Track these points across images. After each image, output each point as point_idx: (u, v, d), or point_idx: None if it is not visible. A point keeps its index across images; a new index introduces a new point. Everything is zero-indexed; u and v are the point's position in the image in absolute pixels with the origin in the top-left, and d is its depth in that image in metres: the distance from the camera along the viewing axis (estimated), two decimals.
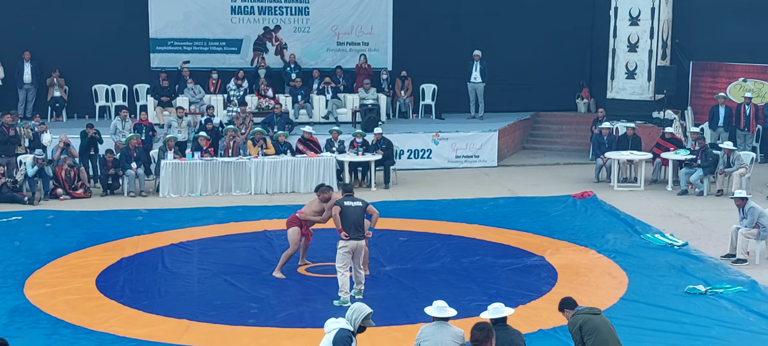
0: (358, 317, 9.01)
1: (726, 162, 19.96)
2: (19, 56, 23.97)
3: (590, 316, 9.36)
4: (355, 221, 13.02)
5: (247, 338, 11.78)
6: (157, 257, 15.36)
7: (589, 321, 9.29)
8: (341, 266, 13.01)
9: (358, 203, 13.14)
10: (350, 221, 12.99)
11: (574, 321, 9.36)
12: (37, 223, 17.65)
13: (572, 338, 9.40)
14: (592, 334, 9.21)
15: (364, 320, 9.06)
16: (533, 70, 26.76)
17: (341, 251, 13.02)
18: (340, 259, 13.03)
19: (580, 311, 9.48)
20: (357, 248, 13.04)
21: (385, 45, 26.28)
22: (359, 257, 13.16)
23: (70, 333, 11.90)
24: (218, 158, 20.59)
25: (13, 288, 13.68)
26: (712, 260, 15.11)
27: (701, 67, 24.90)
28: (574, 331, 9.33)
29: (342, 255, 13.01)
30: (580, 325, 9.28)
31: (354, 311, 9.07)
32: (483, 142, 23.74)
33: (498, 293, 13.01)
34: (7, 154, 20.30)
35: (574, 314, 9.47)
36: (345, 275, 13.01)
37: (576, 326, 9.31)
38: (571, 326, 9.38)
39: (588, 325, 9.26)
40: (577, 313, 9.45)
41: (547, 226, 17.47)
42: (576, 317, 9.39)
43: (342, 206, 13.04)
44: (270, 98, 23.85)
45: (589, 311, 9.48)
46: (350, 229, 12.97)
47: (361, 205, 13.15)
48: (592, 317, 9.35)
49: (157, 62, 25.13)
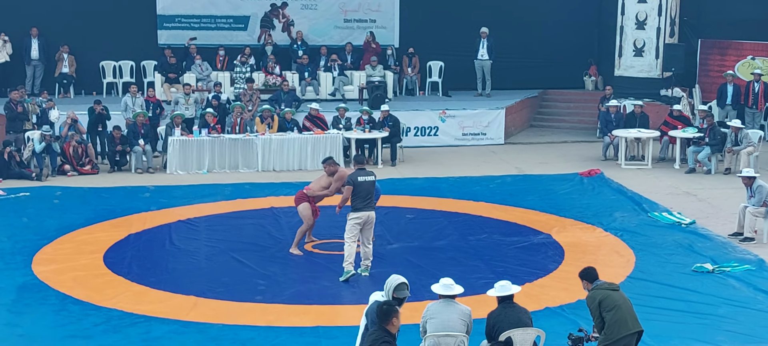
0: (390, 289, 9.10)
1: (734, 140, 19.90)
2: (27, 33, 23.96)
3: (610, 292, 9.34)
4: (368, 192, 13.02)
5: (254, 314, 11.81)
6: (164, 234, 15.39)
7: (609, 297, 9.28)
8: (350, 237, 13.02)
9: (370, 177, 13.13)
10: (362, 193, 12.98)
11: (594, 296, 9.34)
12: (44, 199, 17.68)
13: (590, 311, 9.38)
14: (611, 310, 9.19)
15: (396, 290, 9.08)
16: (541, 47, 26.69)
17: (351, 222, 13.01)
18: (349, 230, 13.03)
19: (600, 285, 9.44)
20: (368, 219, 13.02)
21: (392, 22, 26.22)
22: (369, 231, 13.13)
23: (78, 309, 11.94)
24: (225, 135, 20.59)
25: (21, 264, 13.72)
26: (720, 238, 15.09)
27: (710, 44, 24.79)
28: (593, 306, 9.31)
29: (352, 226, 13.00)
30: (600, 300, 9.26)
31: (387, 283, 9.16)
32: (490, 119, 23.70)
33: (505, 271, 13.02)
34: (15, 131, 20.34)
35: (594, 288, 9.43)
36: (352, 246, 13.01)
37: (595, 300, 9.29)
38: (590, 300, 9.36)
39: (607, 301, 9.24)
40: (597, 288, 9.41)
41: (555, 204, 17.46)
42: (596, 292, 9.36)
43: (355, 183, 12.98)
44: (277, 75, 23.82)
45: (609, 286, 9.45)
46: (360, 201, 12.96)
47: (372, 178, 13.17)
48: (612, 293, 9.33)
49: (165, 39, 25.12)
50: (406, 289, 9.15)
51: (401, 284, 9.14)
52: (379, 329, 8.35)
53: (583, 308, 11.80)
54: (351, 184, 13.02)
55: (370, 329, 8.93)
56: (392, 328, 8.35)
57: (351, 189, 13.00)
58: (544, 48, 26.65)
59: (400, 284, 9.13)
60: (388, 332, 8.32)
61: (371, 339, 8.37)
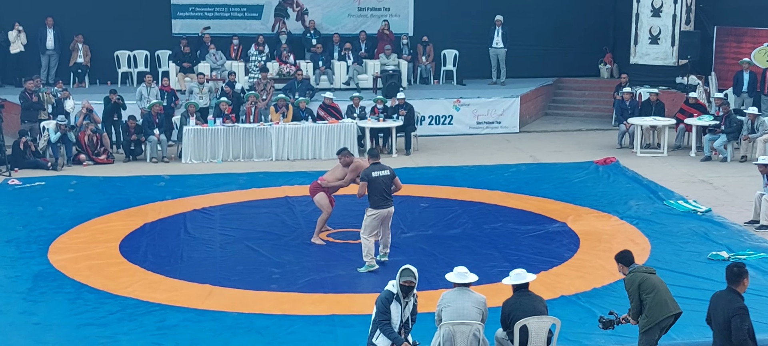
0: (399, 277, 9.19)
1: (750, 128, 19.81)
2: (42, 23, 24.02)
3: (648, 275, 9.41)
4: (383, 189, 12.76)
5: (269, 303, 11.83)
6: (179, 223, 15.43)
7: (648, 280, 9.33)
8: (366, 233, 12.85)
9: (385, 172, 12.84)
10: (378, 190, 12.72)
11: (633, 278, 9.37)
12: (60, 188, 17.74)
13: (628, 294, 9.42)
14: (651, 292, 9.26)
15: (401, 277, 9.15)
16: (556, 35, 26.60)
17: (369, 219, 12.81)
18: (366, 227, 12.83)
19: (638, 269, 9.49)
20: (387, 215, 12.86)
21: (406, 10, 26.16)
22: (388, 223, 12.99)
23: (94, 298, 11.98)
24: (240, 124, 20.61)
25: (37, 253, 13.79)
26: (736, 226, 15.03)
27: (725, 32, 24.63)
28: (632, 288, 9.35)
29: (369, 222, 12.81)
30: (639, 282, 9.31)
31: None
32: (505, 108, 23.65)
33: (520, 260, 13.01)
34: (30, 120, 20.42)
35: (632, 271, 9.47)
36: (370, 241, 12.87)
37: (635, 283, 9.33)
38: (629, 283, 9.39)
39: (646, 283, 9.30)
40: (635, 271, 9.45)
41: (570, 192, 17.42)
42: (635, 275, 9.40)
43: (369, 179, 12.72)
44: (291, 64, 23.82)
45: (646, 269, 9.52)
46: (378, 197, 12.72)
47: (388, 173, 12.85)
48: (650, 276, 9.39)
49: (179, 28, 25.14)
50: (410, 274, 9.17)
51: (405, 269, 9.21)
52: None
53: (597, 297, 11.87)
54: (365, 179, 12.80)
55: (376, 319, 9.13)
56: None
57: (366, 185, 12.79)
58: (559, 36, 26.56)
59: (404, 269, 9.21)
60: None
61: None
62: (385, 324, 9.13)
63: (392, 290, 9.21)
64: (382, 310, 9.16)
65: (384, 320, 9.14)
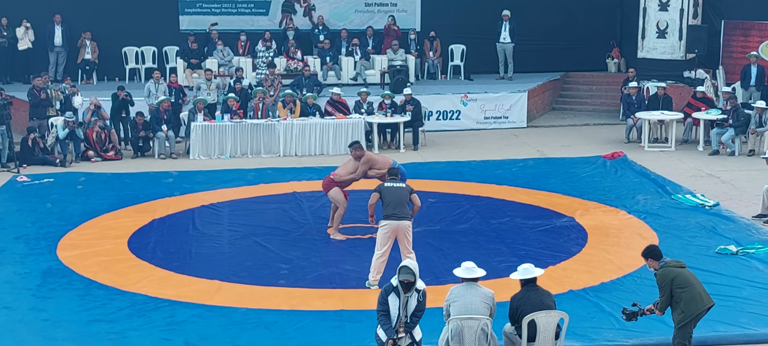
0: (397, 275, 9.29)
1: (758, 122, 19.78)
2: (50, 19, 24.07)
3: (680, 270, 9.43)
4: (397, 200, 12.09)
5: (277, 298, 11.85)
6: (187, 219, 15.46)
7: (681, 275, 9.37)
8: (378, 247, 12.21)
9: (401, 185, 12.40)
10: (390, 200, 12.14)
11: (666, 273, 9.38)
12: (68, 185, 17.79)
13: (660, 288, 9.43)
14: (685, 287, 9.30)
15: (399, 275, 9.26)
16: (563, 29, 26.56)
17: (381, 231, 12.20)
18: (378, 240, 12.22)
19: (669, 263, 9.50)
20: (399, 229, 12.02)
21: (413, 6, 26.14)
22: (403, 242, 12.10)
23: (103, 294, 12.02)
24: (247, 120, 20.64)
25: (45, 249, 13.83)
26: (744, 220, 15.01)
27: (733, 25, 24.57)
28: (664, 283, 9.36)
29: (381, 235, 12.18)
30: (673, 278, 9.34)
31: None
32: (512, 103, 23.64)
33: (527, 254, 13.00)
34: (38, 117, 20.47)
35: (663, 265, 9.49)
36: (378, 257, 12.13)
37: (668, 278, 9.35)
38: (662, 277, 9.40)
39: (680, 278, 9.34)
40: (666, 265, 9.47)
41: (577, 187, 17.41)
42: (667, 270, 9.41)
43: (382, 190, 12.30)
44: (298, 60, 23.83)
45: (678, 264, 9.53)
46: (390, 208, 12.11)
47: (404, 187, 12.40)
48: (682, 271, 9.42)
49: (186, 24, 25.17)
50: (407, 272, 9.22)
51: (403, 266, 9.30)
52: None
53: (605, 291, 11.87)
54: (378, 191, 12.37)
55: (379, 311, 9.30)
56: None
57: (377, 196, 12.33)
58: (566, 30, 26.52)
59: (402, 267, 9.30)
60: None
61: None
62: (382, 315, 9.31)
63: (393, 283, 9.36)
64: (381, 301, 9.33)
65: (382, 312, 9.31)
